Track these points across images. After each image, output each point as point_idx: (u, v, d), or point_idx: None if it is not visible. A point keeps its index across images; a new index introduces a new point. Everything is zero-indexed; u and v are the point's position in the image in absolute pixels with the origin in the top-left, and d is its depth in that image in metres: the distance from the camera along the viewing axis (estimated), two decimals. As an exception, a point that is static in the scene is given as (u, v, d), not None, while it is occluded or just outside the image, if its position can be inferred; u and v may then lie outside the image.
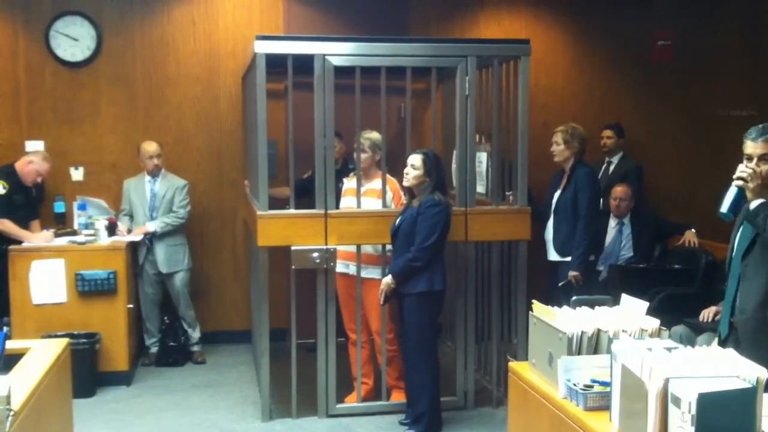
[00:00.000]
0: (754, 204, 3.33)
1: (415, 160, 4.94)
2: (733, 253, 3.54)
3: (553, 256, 5.77)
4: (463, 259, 5.41)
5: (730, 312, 3.51)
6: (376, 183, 5.39)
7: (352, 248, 5.28)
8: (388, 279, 4.93)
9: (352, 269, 5.35)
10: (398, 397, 5.33)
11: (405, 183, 4.99)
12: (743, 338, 3.39)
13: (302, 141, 5.30)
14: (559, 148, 5.71)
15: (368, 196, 5.36)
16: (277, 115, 6.29)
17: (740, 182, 3.34)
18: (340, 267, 5.33)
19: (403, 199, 5.25)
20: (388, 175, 5.33)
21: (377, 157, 5.41)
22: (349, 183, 5.52)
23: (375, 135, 5.40)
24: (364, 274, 5.30)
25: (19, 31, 6.70)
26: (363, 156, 5.36)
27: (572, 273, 5.52)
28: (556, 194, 5.78)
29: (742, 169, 3.35)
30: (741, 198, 3.40)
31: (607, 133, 7.11)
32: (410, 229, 4.88)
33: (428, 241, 4.82)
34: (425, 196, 4.91)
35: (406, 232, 4.90)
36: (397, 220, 5.01)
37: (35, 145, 6.70)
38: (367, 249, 5.33)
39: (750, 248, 3.46)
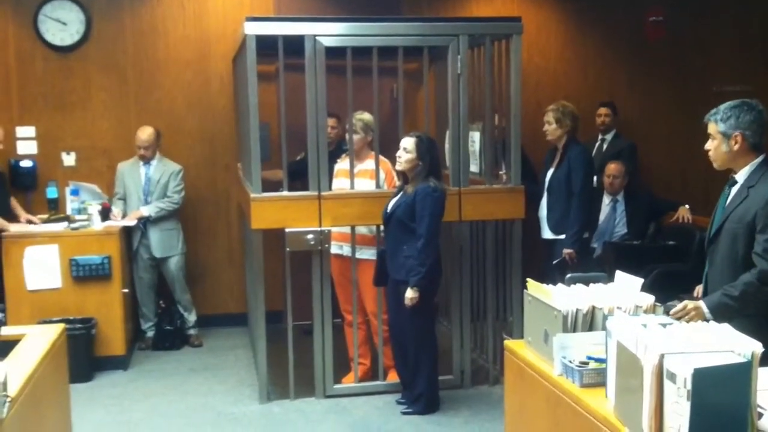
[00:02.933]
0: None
1: (407, 143, 4.89)
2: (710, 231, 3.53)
3: (547, 234, 5.77)
4: (458, 238, 5.41)
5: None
6: (368, 164, 5.37)
7: (346, 229, 5.27)
8: (412, 294, 4.79)
9: (346, 250, 5.35)
10: (395, 377, 5.35)
11: (398, 167, 4.95)
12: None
13: (295, 123, 5.27)
14: (551, 127, 5.70)
15: (361, 177, 5.35)
16: (269, 98, 6.26)
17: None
18: (334, 248, 5.31)
19: (396, 181, 5.24)
20: (380, 156, 5.32)
21: (369, 138, 5.39)
22: (341, 164, 5.50)
23: (366, 116, 5.38)
24: (358, 255, 5.30)
25: (9, 16, 6.64)
26: (355, 137, 5.34)
27: (567, 250, 5.53)
28: (550, 172, 5.77)
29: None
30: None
31: (604, 110, 7.09)
32: (405, 216, 4.84)
33: (430, 236, 4.79)
34: (419, 181, 4.86)
35: (400, 219, 4.86)
36: (390, 206, 4.98)
37: (26, 131, 6.68)
38: (362, 230, 5.32)
39: (716, 235, 3.45)
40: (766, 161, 3.39)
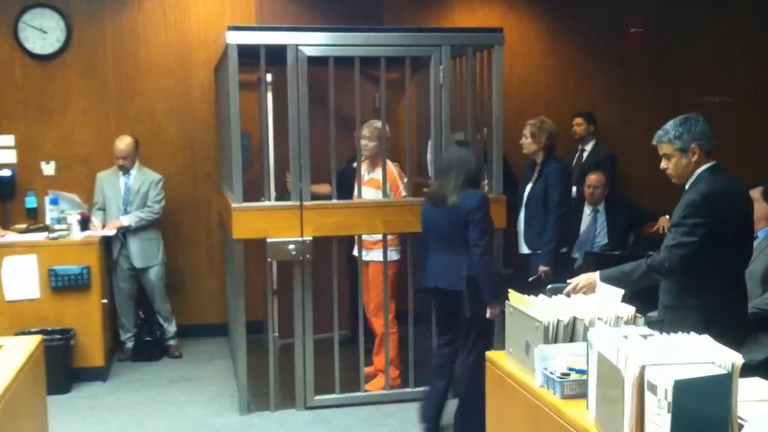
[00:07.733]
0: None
1: None
2: None
3: (524, 248, 5.74)
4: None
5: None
6: (378, 173, 5.41)
7: (377, 236, 5.35)
8: None
9: (372, 255, 5.47)
10: (380, 384, 5.39)
11: None
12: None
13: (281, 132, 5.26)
14: (526, 141, 5.66)
15: (370, 186, 5.44)
16: (251, 106, 6.24)
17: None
18: (365, 256, 5.46)
19: (401, 190, 5.41)
20: (390, 165, 5.40)
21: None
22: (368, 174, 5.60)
23: (378, 123, 5.44)
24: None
25: (-13, 24, 6.60)
26: (371, 144, 5.42)
27: (542, 268, 5.48)
28: (528, 187, 5.76)
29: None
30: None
31: (578, 120, 7.14)
32: None
33: None
34: None
35: None
36: None
37: (5, 140, 6.63)
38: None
39: None
40: (711, 168, 3.63)
